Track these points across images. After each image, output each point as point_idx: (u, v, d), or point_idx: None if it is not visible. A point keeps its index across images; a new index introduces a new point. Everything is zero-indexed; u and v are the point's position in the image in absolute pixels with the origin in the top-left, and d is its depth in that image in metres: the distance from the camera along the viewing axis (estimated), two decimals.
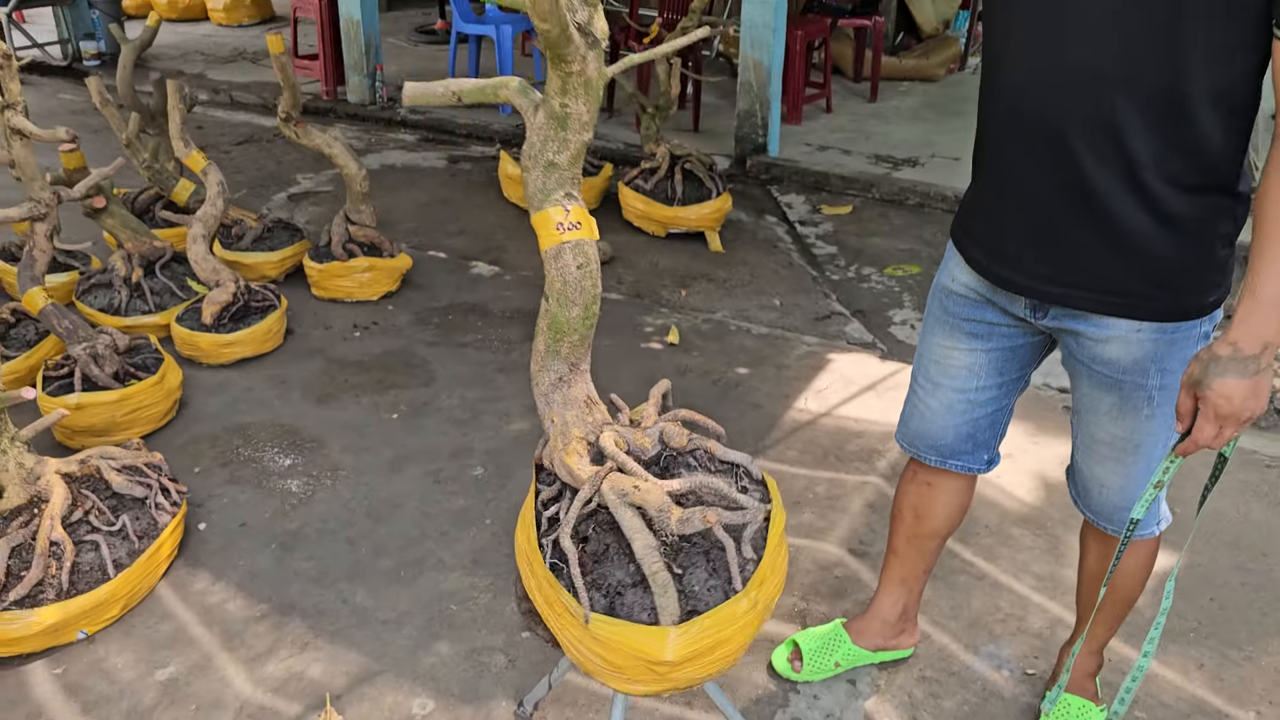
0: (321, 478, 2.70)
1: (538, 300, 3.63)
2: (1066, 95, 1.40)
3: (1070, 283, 1.52)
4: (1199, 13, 1.28)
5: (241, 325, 3.21)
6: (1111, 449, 1.66)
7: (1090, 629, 1.92)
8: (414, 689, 2.05)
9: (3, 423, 2.18)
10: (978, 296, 1.67)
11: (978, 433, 1.81)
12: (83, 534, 2.21)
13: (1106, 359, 1.56)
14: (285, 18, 8.40)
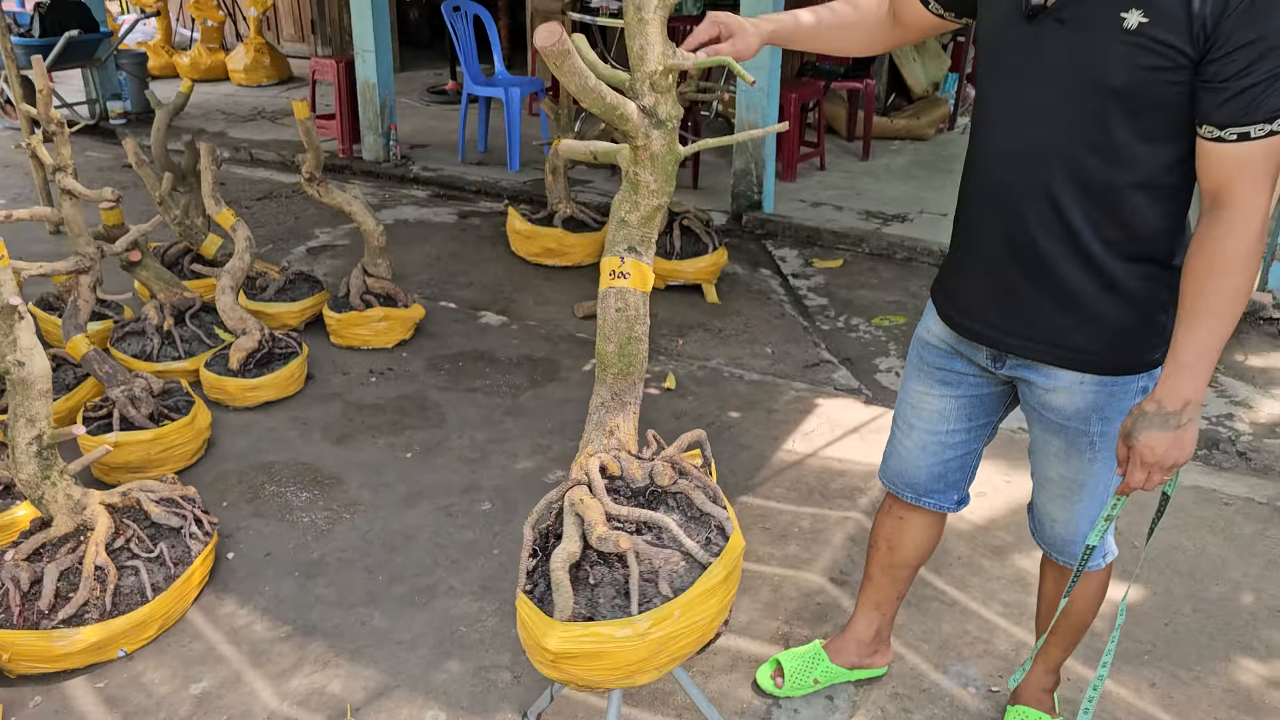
0: (341, 512, 2.89)
1: (543, 348, 3.88)
2: (1021, 168, 1.61)
3: (1023, 335, 1.71)
4: (1125, 107, 1.48)
5: (266, 371, 3.42)
6: (1060, 487, 1.85)
7: (1047, 650, 2.10)
8: (427, 702, 2.23)
9: (53, 458, 2.39)
10: (948, 348, 1.87)
11: (949, 473, 2.00)
12: (124, 560, 2.41)
13: (1054, 406, 1.75)
14: (302, 78, 8.74)
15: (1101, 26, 1.45)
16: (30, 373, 2.29)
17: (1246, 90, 1.38)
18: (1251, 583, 2.64)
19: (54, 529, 2.40)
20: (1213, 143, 1.44)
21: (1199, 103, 1.44)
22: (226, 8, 8.95)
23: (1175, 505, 2.95)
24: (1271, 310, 4.27)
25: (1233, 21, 1.36)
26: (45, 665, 2.27)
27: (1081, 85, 1.49)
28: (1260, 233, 1.45)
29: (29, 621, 2.26)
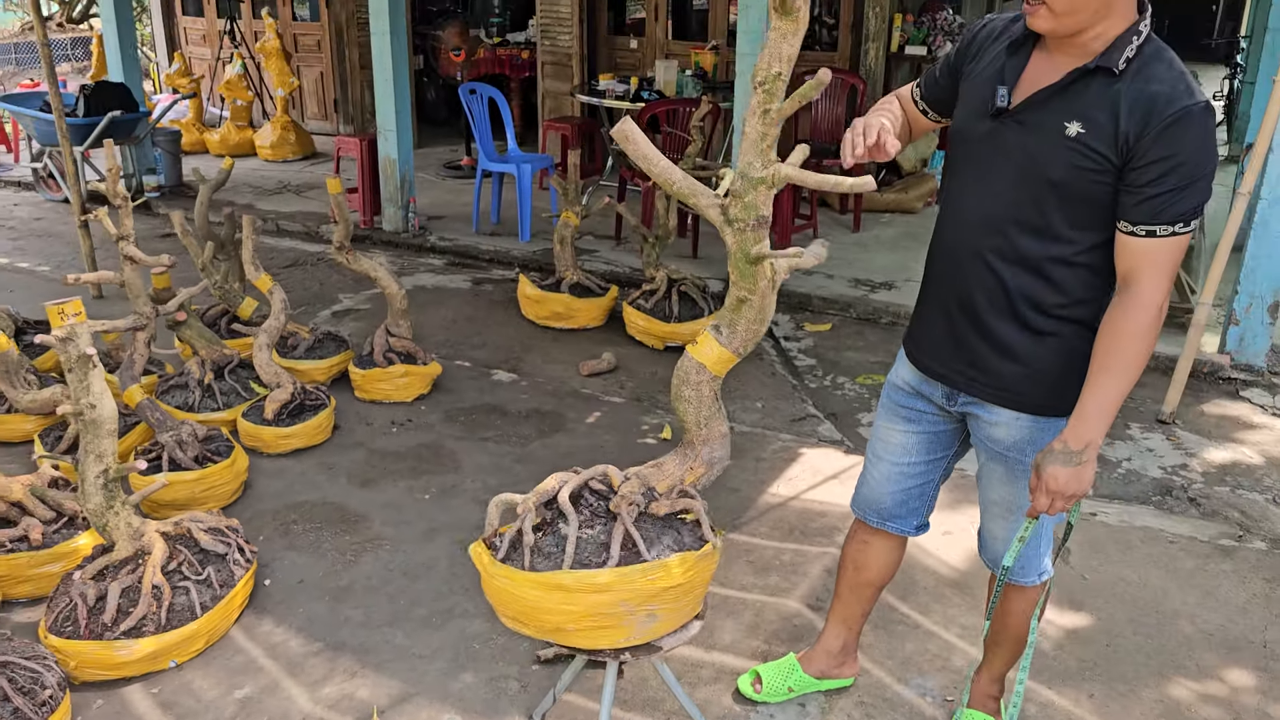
0: (365, 545, 3.20)
1: (550, 402, 4.21)
2: (971, 237, 1.95)
3: (970, 376, 2.03)
4: (1060, 196, 1.83)
5: (297, 420, 3.75)
6: (1000, 509, 2.15)
7: (990, 660, 2.38)
8: (444, 707, 2.51)
9: (116, 490, 2.71)
10: (911, 389, 2.19)
11: (910, 500, 2.30)
12: (176, 581, 2.71)
13: (996, 438, 2.06)
14: (325, 154, 9.20)
15: (1049, 131, 1.81)
16: (100, 414, 2.62)
17: (1157, 197, 1.73)
18: (1189, 611, 2.92)
19: (116, 553, 2.70)
20: (1127, 235, 1.78)
21: (1119, 202, 1.78)
22: (255, 88, 9.45)
23: (1123, 542, 3.23)
24: (1229, 370, 4.58)
25: (1149, 140, 1.71)
26: (107, 672, 2.56)
27: (1029, 175, 1.84)
28: (1159, 313, 1.78)
29: (94, 633, 2.56)
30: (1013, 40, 1.91)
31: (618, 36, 8.48)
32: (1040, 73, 1.85)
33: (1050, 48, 1.86)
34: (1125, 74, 1.75)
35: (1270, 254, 4.44)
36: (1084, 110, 1.77)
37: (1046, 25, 1.79)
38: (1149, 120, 1.71)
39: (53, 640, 2.54)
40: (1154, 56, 1.76)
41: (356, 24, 9.37)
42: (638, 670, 2.63)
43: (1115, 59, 1.75)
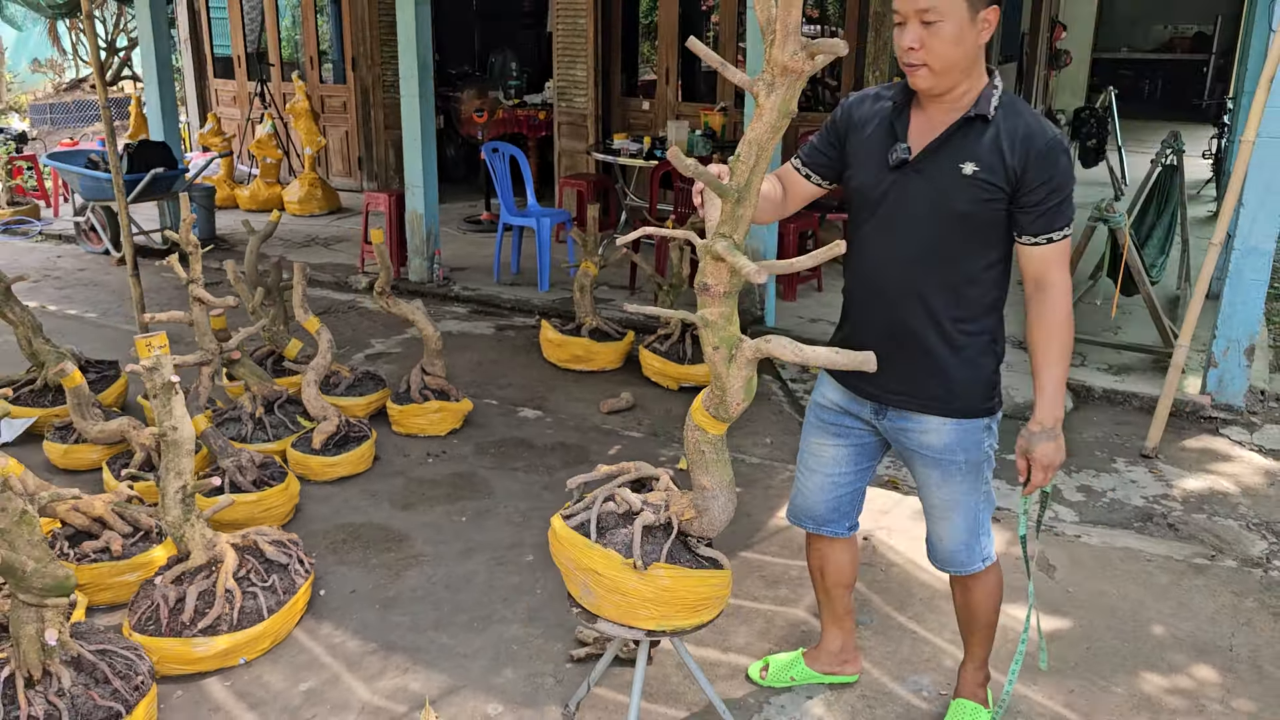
0: (409, 562, 3.49)
1: (574, 436, 4.52)
2: (897, 273, 2.27)
3: (900, 392, 2.34)
4: (967, 227, 2.19)
5: (342, 451, 4.07)
6: (940, 510, 2.44)
7: (971, 650, 2.67)
8: (488, 699, 2.80)
9: (193, 504, 3.02)
10: (839, 408, 2.49)
11: (841, 506, 2.59)
12: (245, 586, 3.01)
13: (927, 444, 2.35)
14: (349, 209, 9.62)
15: (948, 173, 2.17)
16: (181, 435, 2.94)
17: (1047, 212, 2.14)
18: (1163, 619, 3.19)
19: (191, 561, 3.01)
20: (1030, 246, 2.18)
21: (1017, 221, 2.17)
22: (284, 147, 9.90)
23: (1105, 561, 3.52)
24: (1210, 409, 4.87)
25: (1032, 169, 2.11)
26: (185, 667, 2.85)
27: (939, 212, 2.20)
28: (1070, 298, 2.18)
29: (174, 631, 2.85)
30: (894, 105, 2.26)
31: (630, 98, 8.92)
32: (923, 129, 2.21)
33: (926, 107, 2.22)
34: (996, 119, 2.14)
35: (1245, 300, 4.75)
36: (973, 152, 2.14)
37: (926, 84, 2.14)
38: (1028, 153, 2.10)
39: (136, 637, 2.83)
40: (1013, 104, 2.16)
41: (381, 87, 9.86)
42: (659, 668, 2.91)
43: (986, 108, 2.13)
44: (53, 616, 2.46)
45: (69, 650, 2.52)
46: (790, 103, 1.83)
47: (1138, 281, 5.32)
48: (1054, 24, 12.33)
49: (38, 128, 13.00)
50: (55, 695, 2.45)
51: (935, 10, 2.06)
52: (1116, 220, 5.19)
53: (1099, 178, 10.54)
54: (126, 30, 14.48)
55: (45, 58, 16.86)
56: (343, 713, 2.74)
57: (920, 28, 2.09)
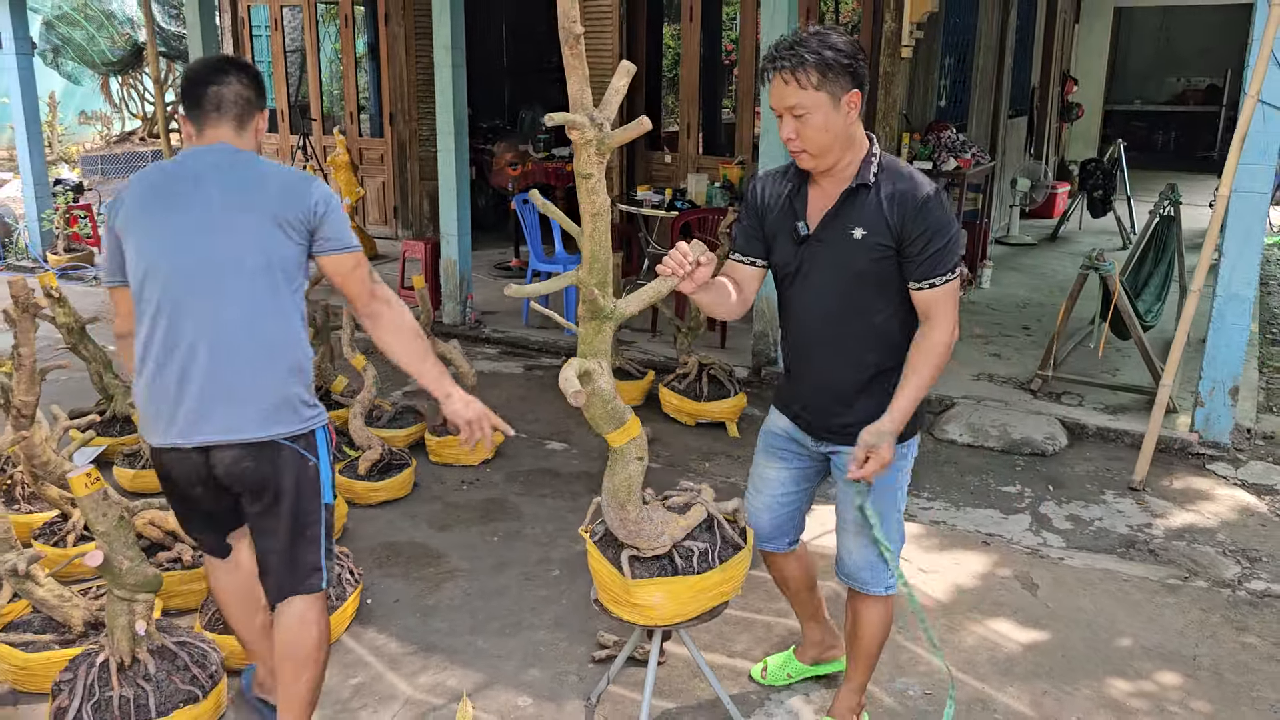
0: (446, 576, 3.85)
1: (598, 466, 4.87)
2: (817, 329, 2.57)
3: (833, 430, 2.63)
4: (868, 282, 2.47)
5: (385, 477, 4.44)
6: (854, 526, 2.69)
7: (850, 674, 2.87)
8: (518, 693, 3.13)
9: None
10: (786, 435, 2.77)
11: (782, 525, 2.86)
12: None
13: (847, 465, 2.54)
14: (385, 255, 10.09)
15: (842, 240, 2.48)
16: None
17: (927, 260, 2.42)
18: (1134, 632, 3.49)
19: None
20: (917, 291, 2.46)
21: (906, 271, 2.46)
22: None
23: (1085, 580, 3.82)
24: (1197, 446, 5.16)
25: (909, 224, 2.41)
26: (250, 661, 3.20)
27: (842, 273, 2.50)
28: (951, 335, 2.44)
29: None
30: (792, 185, 2.58)
31: (654, 151, 9.38)
32: (819, 201, 2.54)
33: (819, 181, 2.53)
34: (876, 184, 2.44)
35: (1228, 343, 5.06)
36: (860, 218, 2.46)
37: (810, 164, 2.47)
38: (905, 210, 2.41)
39: (208, 634, 3.19)
40: (891, 167, 2.47)
41: (417, 140, 10.38)
42: (670, 669, 3.24)
43: (866, 176, 2.45)
44: (142, 610, 2.83)
45: (154, 640, 2.89)
46: (579, 164, 2.31)
47: (1128, 325, 5.64)
48: (1065, 78, 12.75)
49: (88, 178, 13.65)
50: (142, 679, 2.81)
51: (801, 106, 2.37)
52: (1106, 268, 5.52)
53: (1108, 227, 10.87)
54: (174, 87, 15.18)
55: (92, 110, 17.63)
56: (388, 704, 3.09)
57: (794, 120, 2.40)
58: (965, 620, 3.55)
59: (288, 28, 11.16)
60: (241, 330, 2.53)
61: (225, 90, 2.63)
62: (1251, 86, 4.69)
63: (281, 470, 2.58)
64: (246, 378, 2.53)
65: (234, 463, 2.54)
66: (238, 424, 2.52)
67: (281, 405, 2.57)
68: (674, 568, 2.60)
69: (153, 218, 2.56)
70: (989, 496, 4.59)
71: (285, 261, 2.58)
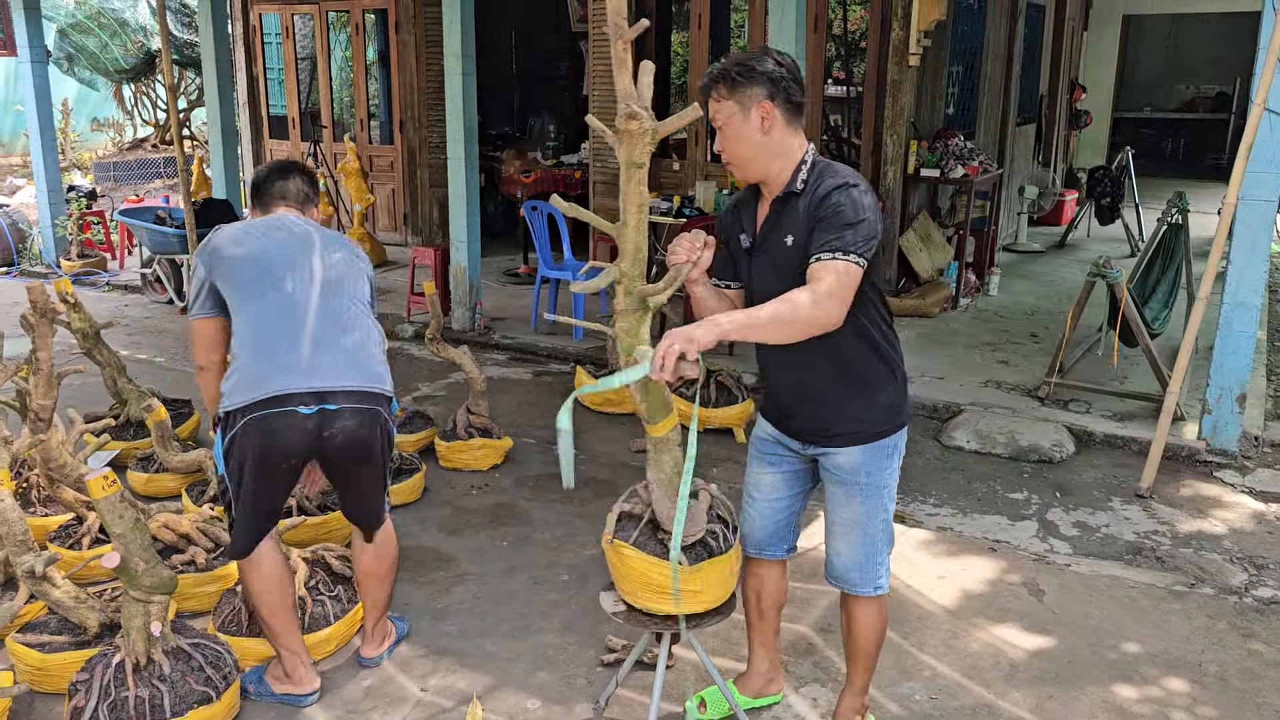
0: (456, 579, 3.88)
1: (605, 472, 4.91)
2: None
3: (815, 432, 2.67)
4: (795, 283, 2.39)
5: (395, 482, 4.47)
6: (841, 527, 2.72)
7: (851, 678, 2.89)
8: (527, 696, 3.16)
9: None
10: (774, 440, 2.80)
11: (779, 530, 2.87)
12: (314, 595, 3.41)
13: (839, 465, 2.65)
14: (395, 262, 10.15)
15: (778, 248, 2.54)
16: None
17: (819, 235, 2.39)
18: (1140, 638, 3.50)
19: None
20: (812, 262, 2.37)
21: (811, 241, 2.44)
22: (334, 203, 10.50)
23: (1091, 587, 3.83)
24: (1204, 454, 5.17)
25: (816, 209, 2.42)
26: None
27: (783, 282, 2.44)
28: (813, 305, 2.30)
29: (254, 632, 3.25)
30: (741, 201, 2.69)
31: (662, 159, 9.41)
32: (761, 213, 2.62)
33: (764, 194, 2.59)
34: (805, 190, 2.48)
35: (1235, 351, 5.07)
36: (791, 225, 2.50)
37: (739, 175, 2.57)
38: (816, 202, 2.43)
39: (221, 636, 3.23)
40: (824, 171, 2.49)
41: (427, 147, 10.44)
42: (678, 673, 3.26)
43: (794, 184, 2.50)
44: (157, 611, 2.87)
45: (170, 641, 2.93)
46: (634, 154, 2.40)
47: (1135, 333, 5.66)
48: (1073, 85, 12.76)
49: (100, 184, 13.75)
50: (158, 680, 2.85)
51: (717, 118, 2.48)
52: (1114, 275, 5.54)
53: (1116, 235, 10.88)
54: (186, 94, 15.30)
55: (104, 117, 17.77)
56: (399, 706, 3.12)
57: (720, 133, 2.51)
58: (971, 626, 3.57)
59: (299, 35, 11.24)
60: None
61: (289, 184, 3.32)
62: (1258, 95, 4.71)
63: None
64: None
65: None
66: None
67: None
68: (709, 551, 2.69)
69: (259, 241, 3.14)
70: (996, 503, 4.61)
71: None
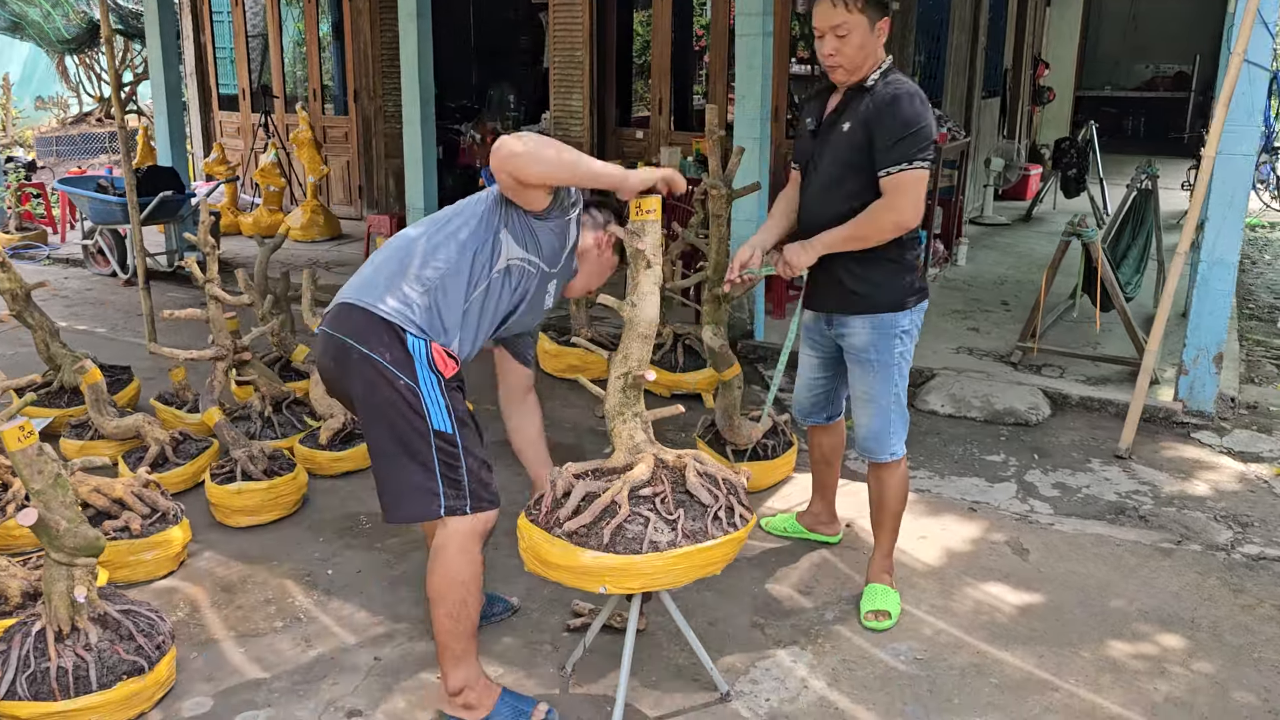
0: (413, 545, 3.66)
1: (570, 438, 4.74)
2: (823, 207, 3.01)
3: (834, 301, 3.09)
4: (851, 168, 2.93)
5: (348, 446, 4.24)
6: (860, 401, 3.17)
7: (877, 541, 3.30)
8: (489, 662, 2.95)
9: (634, 400, 3.51)
10: (811, 324, 3.29)
11: (819, 400, 3.43)
12: (644, 509, 3.16)
13: (854, 344, 3.10)
14: (350, 235, 9.83)
15: (836, 134, 2.98)
16: (637, 314, 2.50)
17: (887, 150, 2.84)
18: (1130, 595, 3.37)
19: (610, 460, 2.60)
20: (883, 178, 2.87)
21: (875, 161, 2.88)
22: (287, 175, 10.16)
23: (1076, 545, 3.70)
24: (1182, 415, 5.07)
25: (877, 117, 2.85)
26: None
27: (836, 162, 2.99)
28: (898, 216, 2.86)
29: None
30: (815, 93, 3.14)
31: (624, 128, 9.20)
32: (833, 104, 3.03)
33: (838, 89, 3.00)
34: (874, 87, 2.88)
35: (1212, 310, 4.96)
36: (850, 116, 2.92)
37: (842, 78, 2.93)
38: (878, 106, 2.84)
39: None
40: (894, 81, 2.88)
41: (382, 117, 10.13)
42: (650, 636, 3.07)
43: (868, 80, 2.90)
44: (82, 575, 2.63)
45: (96, 608, 2.68)
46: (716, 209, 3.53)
47: (1111, 295, 5.54)
48: (1036, 61, 12.70)
49: (44, 159, 13.26)
50: (83, 649, 2.60)
51: (845, 27, 2.81)
52: (1089, 235, 5.42)
53: (1081, 208, 10.82)
54: (132, 66, 14.81)
55: (49, 94, 17.20)
56: (352, 675, 2.90)
57: (835, 39, 2.83)
58: (958, 584, 3.41)
59: (248, 7, 10.87)
60: None
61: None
62: (1238, 45, 4.59)
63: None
64: None
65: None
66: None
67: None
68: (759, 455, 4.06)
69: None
70: (973, 465, 4.47)
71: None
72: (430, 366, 2.52)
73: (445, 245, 2.55)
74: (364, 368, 2.50)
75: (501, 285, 2.60)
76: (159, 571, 3.38)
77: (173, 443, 4.09)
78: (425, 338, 2.51)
